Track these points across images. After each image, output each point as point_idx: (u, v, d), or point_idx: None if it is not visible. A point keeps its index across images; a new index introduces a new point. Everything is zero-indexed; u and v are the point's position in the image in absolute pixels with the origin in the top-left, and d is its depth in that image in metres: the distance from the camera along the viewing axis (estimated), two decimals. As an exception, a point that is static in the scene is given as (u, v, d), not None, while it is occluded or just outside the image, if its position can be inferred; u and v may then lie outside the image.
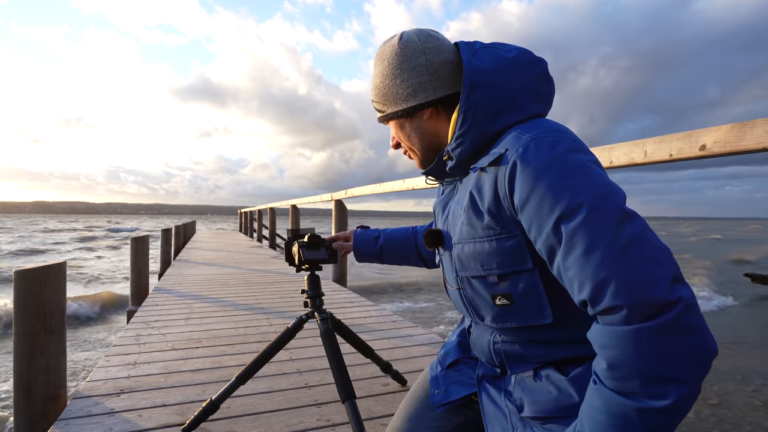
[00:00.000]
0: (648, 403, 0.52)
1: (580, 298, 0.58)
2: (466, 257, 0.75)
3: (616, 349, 0.54)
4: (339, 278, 4.74)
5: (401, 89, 0.80)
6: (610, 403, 0.55)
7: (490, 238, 0.71)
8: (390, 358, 2.23)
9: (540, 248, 0.64)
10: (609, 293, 0.54)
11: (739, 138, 1.05)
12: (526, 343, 0.76)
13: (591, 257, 0.56)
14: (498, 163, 0.68)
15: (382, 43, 0.84)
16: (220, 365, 2.20)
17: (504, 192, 0.67)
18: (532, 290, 0.70)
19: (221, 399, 1.50)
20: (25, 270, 1.63)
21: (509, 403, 0.78)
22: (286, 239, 1.69)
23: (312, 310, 1.62)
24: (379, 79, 0.83)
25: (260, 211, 12.28)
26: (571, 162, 0.62)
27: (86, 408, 1.68)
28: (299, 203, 6.82)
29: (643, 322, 0.52)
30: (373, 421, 1.61)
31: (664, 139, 1.25)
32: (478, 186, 0.72)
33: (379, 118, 0.87)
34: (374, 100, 0.86)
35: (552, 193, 0.60)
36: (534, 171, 0.63)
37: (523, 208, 0.64)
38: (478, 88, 0.72)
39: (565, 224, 0.59)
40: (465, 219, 0.75)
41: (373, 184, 3.79)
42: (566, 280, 0.61)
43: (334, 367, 1.40)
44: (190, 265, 6.34)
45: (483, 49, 0.77)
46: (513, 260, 0.70)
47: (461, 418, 0.89)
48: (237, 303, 3.70)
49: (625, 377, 0.54)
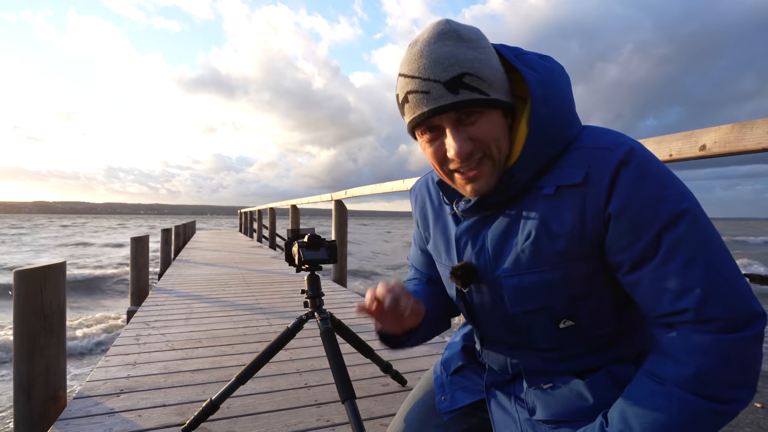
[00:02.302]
0: (728, 407, 0.56)
1: (676, 307, 0.59)
2: (526, 290, 0.69)
3: (710, 356, 0.56)
4: (339, 278, 4.75)
5: (502, 79, 0.65)
6: (686, 405, 0.57)
7: (561, 265, 0.66)
8: (390, 358, 2.23)
9: (623, 259, 0.62)
10: (711, 304, 0.57)
11: (739, 138, 1.05)
12: (549, 360, 0.75)
13: (694, 267, 0.58)
14: (587, 180, 0.63)
15: (443, 21, 0.65)
16: (220, 365, 2.19)
17: (597, 209, 0.63)
18: (601, 306, 0.69)
19: (221, 399, 1.50)
20: (25, 270, 1.63)
21: (519, 408, 0.77)
22: (286, 239, 1.69)
23: (312, 310, 1.62)
24: (484, 56, 0.64)
25: (260, 211, 12.28)
26: (661, 170, 0.62)
27: (86, 408, 1.68)
28: (299, 203, 6.82)
29: (740, 332, 0.56)
30: (373, 421, 1.61)
31: (664, 139, 1.25)
32: (555, 208, 0.65)
33: (479, 100, 0.62)
34: (472, 73, 0.62)
35: (652, 203, 0.60)
36: (631, 181, 0.61)
37: (618, 219, 0.61)
38: (550, 102, 0.65)
39: (668, 233, 0.59)
40: (529, 247, 0.67)
41: (373, 184, 3.79)
42: (652, 289, 0.61)
43: (334, 367, 1.40)
44: (190, 265, 6.34)
45: (523, 56, 0.69)
46: (586, 283, 0.67)
47: (464, 425, 0.87)
48: (237, 303, 3.70)
49: (713, 382, 0.56)
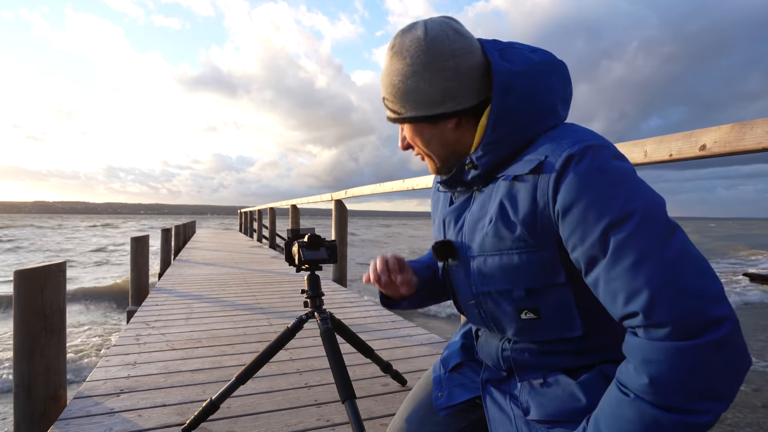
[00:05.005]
0: (689, 418, 0.52)
1: (627, 310, 0.56)
2: (489, 270, 0.71)
3: (663, 364, 0.53)
4: (339, 278, 4.75)
5: (425, 94, 0.70)
6: (646, 416, 0.54)
7: (519, 251, 0.67)
8: (390, 358, 2.23)
9: (578, 257, 0.61)
10: (660, 307, 0.53)
11: (739, 138, 1.05)
12: (539, 353, 0.74)
13: (642, 269, 0.54)
14: (539, 171, 0.64)
15: (399, 32, 0.73)
16: (220, 365, 2.20)
17: (546, 200, 0.63)
18: (563, 304, 0.67)
19: (221, 399, 1.50)
20: (25, 270, 1.63)
21: (514, 406, 0.77)
22: (286, 239, 1.69)
23: (312, 310, 1.62)
24: (398, 78, 0.72)
25: (260, 211, 12.28)
26: (617, 168, 0.60)
27: (86, 408, 1.68)
28: (299, 203, 6.82)
29: (692, 339, 0.52)
30: (373, 421, 1.61)
31: (664, 139, 1.25)
32: (511, 195, 0.67)
33: (393, 119, 0.76)
34: (387, 98, 0.75)
35: (600, 201, 0.58)
36: (581, 177, 0.60)
37: (566, 215, 0.61)
38: (511, 92, 0.67)
39: (614, 234, 0.57)
40: (491, 231, 0.69)
41: (373, 184, 3.79)
42: (608, 292, 0.58)
43: (334, 367, 1.40)
44: (190, 265, 6.34)
45: (509, 49, 0.72)
46: (544, 274, 0.67)
47: (463, 422, 0.88)
48: (237, 303, 3.70)
49: (669, 392, 0.53)
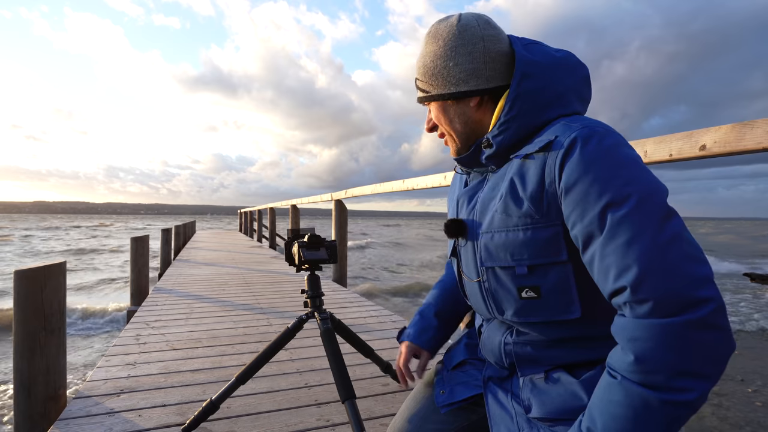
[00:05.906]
0: (674, 396, 0.54)
1: (616, 285, 0.59)
2: (495, 247, 0.74)
3: (647, 341, 0.55)
4: (339, 278, 4.75)
5: (454, 72, 0.78)
6: (633, 396, 0.56)
7: (525, 227, 0.70)
8: (390, 358, 2.23)
9: (577, 234, 0.64)
10: (647, 284, 0.56)
11: (739, 138, 1.05)
12: (540, 345, 0.75)
13: (634, 247, 0.57)
14: (548, 149, 0.68)
15: (436, 21, 0.82)
16: (220, 365, 2.20)
17: (552, 177, 0.67)
18: (563, 284, 0.69)
19: (221, 399, 1.50)
20: (25, 270, 1.63)
21: (516, 404, 0.77)
22: (286, 239, 1.69)
23: (312, 310, 1.62)
24: (430, 58, 0.80)
25: (260, 211, 12.28)
26: (622, 154, 0.63)
27: (86, 408, 1.68)
28: (299, 203, 6.82)
29: (676, 316, 0.54)
30: (373, 421, 1.61)
31: (664, 140, 1.25)
32: (521, 173, 0.71)
33: (422, 98, 0.84)
34: (420, 78, 0.83)
35: (603, 180, 0.62)
36: (587, 157, 0.63)
37: (569, 191, 0.64)
38: (529, 78, 0.73)
39: (612, 212, 0.60)
40: (500, 207, 0.73)
41: (374, 184, 3.79)
42: (601, 268, 0.61)
43: (334, 367, 1.40)
44: (190, 265, 6.34)
45: (534, 45, 0.78)
46: (547, 251, 0.69)
47: (465, 420, 0.88)
48: (237, 303, 3.70)
49: (654, 370, 0.55)
